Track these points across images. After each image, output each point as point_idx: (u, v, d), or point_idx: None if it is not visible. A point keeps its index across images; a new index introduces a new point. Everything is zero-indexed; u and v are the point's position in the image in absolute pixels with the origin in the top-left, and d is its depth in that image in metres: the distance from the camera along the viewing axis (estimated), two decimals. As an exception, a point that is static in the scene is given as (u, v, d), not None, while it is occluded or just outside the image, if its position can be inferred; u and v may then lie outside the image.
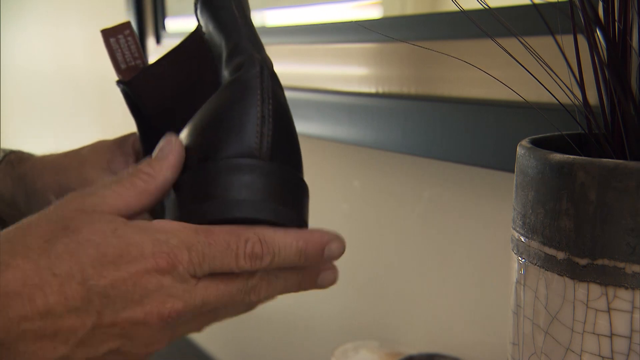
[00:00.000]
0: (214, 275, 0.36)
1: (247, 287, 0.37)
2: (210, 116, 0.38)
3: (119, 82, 0.47)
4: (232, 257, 0.36)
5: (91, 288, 0.33)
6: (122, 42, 0.46)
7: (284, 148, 0.38)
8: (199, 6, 0.42)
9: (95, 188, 0.37)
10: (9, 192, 0.50)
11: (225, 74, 0.40)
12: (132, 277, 0.34)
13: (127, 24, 0.46)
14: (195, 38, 0.43)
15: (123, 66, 0.47)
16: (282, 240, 0.37)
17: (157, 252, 0.34)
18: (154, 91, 0.45)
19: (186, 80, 0.45)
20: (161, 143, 0.39)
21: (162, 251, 0.34)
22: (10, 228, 0.35)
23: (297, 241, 0.37)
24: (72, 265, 0.33)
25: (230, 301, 0.37)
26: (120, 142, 0.50)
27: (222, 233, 0.36)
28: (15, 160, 0.52)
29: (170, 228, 0.35)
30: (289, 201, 0.37)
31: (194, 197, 0.37)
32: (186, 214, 0.37)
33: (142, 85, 0.45)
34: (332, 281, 0.41)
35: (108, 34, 0.46)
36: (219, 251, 0.35)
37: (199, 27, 0.43)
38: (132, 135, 0.51)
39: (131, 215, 0.37)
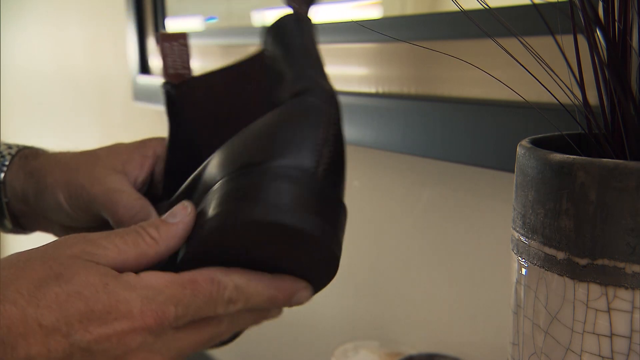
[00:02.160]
0: (191, 323, 0.37)
1: (218, 331, 0.39)
2: (266, 129, 0.38)
3: (166, 84, 0.48)
4: (212, 306, 0.37)
5: (75, 342, 0.33)
6: (175, 49, 0.48)
7: (336, 172, 0.39)
8: (269, 31, 0.44)
9: (98, 237, 0.37)
10: (20, 186, 0.51)
11: (285, 96, 0.40)
12: (117, 334, 0.34)
13: (184, 34, 0.48)
14: (256, 60, 0.44)
15: (171, 71, 0.48)
16: (254, 289, 0.38)
17: (145, 310, 0.35)
18: (198, 100, 0.47)
19: (235, 98, 0.45)
20: (175, 208, 0.39)
21: (151, 309, 0.35)
22: (5, 262, 0.35)
23: (269, 289, 0.39)
24: (59, 317, 0.33)
25: (202, 346, 0.38)
26: (140, 145, 0.50)
27: (205, 282, 0.36)
28: (30, 155, 0.52)
29: (157, 284, 0.35)
30: (332, 220, 0.38)
31: (235, 197, 0.36)
32: (224, 212, 0.36)
33: (188, 92, 0.47)
34: (307, 298, 0.41)
35: (165, 38, 0.48)
36: (202, 302, 0.36)
37: (263, 50, 0.44)
38: (154, 139, 0.51)
39: (122, 271, 0.37)
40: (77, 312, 0.33)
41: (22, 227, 0.54)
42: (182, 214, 0.38)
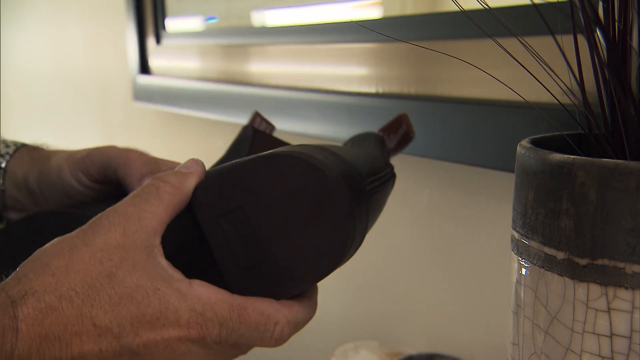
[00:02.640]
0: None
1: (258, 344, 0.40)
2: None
3: (249, 127, 0.52)
4: (258, 337, 0.38)
5: (125, 344, 0.35)
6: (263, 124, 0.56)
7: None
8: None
9: (126, 207, 0.37)
10: (23, 170, 0.52)
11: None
12: (164, 341, 0.36)
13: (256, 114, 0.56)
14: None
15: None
16: (303, 317, 0.40)
17: (192, 322, 0.36)
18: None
19: None
20: (187, 162, 0.41)
21: (197, 323, 0.36)
22: (52, 250, 0.36)
23: (311, 312, 0.41)
24: (112, 319, 0.34)
25: (239, 355, 0.40)
26: (156, 161, 0.50)
27: (254, 313, 0.37)
28: (36, 147, 0.55)
29: (207, 298, 0.37)
30: (361, 203, 0.40)
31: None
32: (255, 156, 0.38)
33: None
34: None
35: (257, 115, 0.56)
36: (247, 330, 0.37)
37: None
38: (171, 163, 0.50)
39: (162, 229, 0.38)
40: (129, 315, 0.35)
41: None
42: (194, 165, 0.40)
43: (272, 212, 0.38)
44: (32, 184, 0.51)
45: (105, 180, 0.49)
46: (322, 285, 0.42)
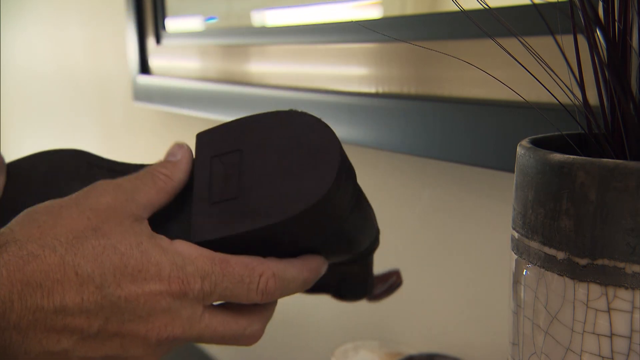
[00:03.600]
0: (221, 307, 0.39)
1: (251, 329, 0.40)
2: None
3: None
4: (244, 290, 0.38)
5: (107, 295, 0.35)
6: None
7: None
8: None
9: (122, 181, 0.39)
10: None
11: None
12: (145, 294, 0.36)
13: None
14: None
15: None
16: (292, 274, 0.39)
17: (173, 276, 0.36)
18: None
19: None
20: (172, 148, 0.42)
21: (178, 276, 0.36)
22: (41, 208, 0.37)
23: (303, 272, 0.40)
24: (95, 268, 0.35)
25: (228, 339, 0.40)
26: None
27: (237, 265, 0.37)
28: None
29: (188, 254, 0.37)
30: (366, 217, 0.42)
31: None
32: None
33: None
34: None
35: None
36: (231, 283, 0.37)
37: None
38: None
39: (151, 209, 0.39)
40: (112, 265, 0.35)
41: None
42: (180, 151, 0.41)
43: (265, 156, 0.38)
44: None
45: None
46: (322, 285, 0.42)
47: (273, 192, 0.37)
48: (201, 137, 0.41)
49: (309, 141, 0.37)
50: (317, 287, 0.45)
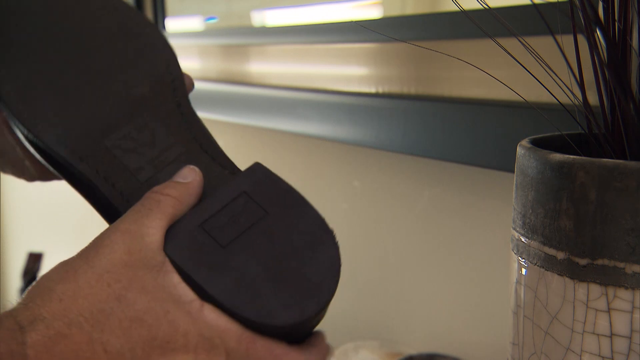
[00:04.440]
0: None
1: None
2: None
3: None
4: None
5: None
6: None
7: None
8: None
9: (127, 225, 0.37)
10: None
11: None
12: None
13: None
14: None
15: None
16: None
17: (199, 348, 0.35)
18: None
19: None
20: (183, 170, 0.39)
21: (204, 348, 0.36)
22: (55, 275, 0.35)
23: (319, 356, 0.39)
24: (124, 343, 0.34)
25: None
26: None
27: (262, 349, 0.36)
28: None
29: (216, 325, 0.36)
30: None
31: None
32: None
33: None
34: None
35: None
36: None
37: None
38: None
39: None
40: (140, 339, 0.34)
41: None
42: (192, 174, 0.39)
43: (274, 241, 0.38)
44: None
45: None
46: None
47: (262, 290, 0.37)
48: (256, 168, 0.39)
49: (317, 260, 0.37)
50: None
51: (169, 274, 0.36)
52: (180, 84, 0.43)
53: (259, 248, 0.37)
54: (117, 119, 0.41)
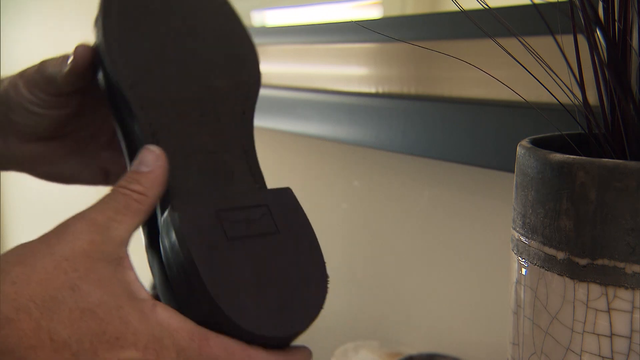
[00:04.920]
0: None
1: None
2: None
3: None
4: None
5: None
6: None
7: None
8: None
9: (95, 214, 0.36)
10: None
11: None
12: None
13: None
14: None
15: None
16: None
17: (149, 347, 0.34)
18: None
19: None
20: (143, 155, 0.39)
21: (154, 348, 0.35)
22: (13, 257, 0.34)
23: None
24: (71, 334, 0.33)
25: None
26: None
27: (216, 347, 0.35)
28: None
29: (168, 324, 0.35)
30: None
31: None
32: None
33: None
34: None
35: None
36: None
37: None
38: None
39: (130, 237, 0.37)
40: (89, 331, 0.33)
41: None
42: (153, 159, 0.39)
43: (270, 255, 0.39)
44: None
45: (64, 89, 0.46)
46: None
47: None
48: (285, 191, 0.41)
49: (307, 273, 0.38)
50: None
51: (127, 270, 0.36)
52: (254, 94, 0.47)
53: (259, 256, 0.37)
54: (190, 95, 0.43)
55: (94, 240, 0.35)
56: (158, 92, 0.43)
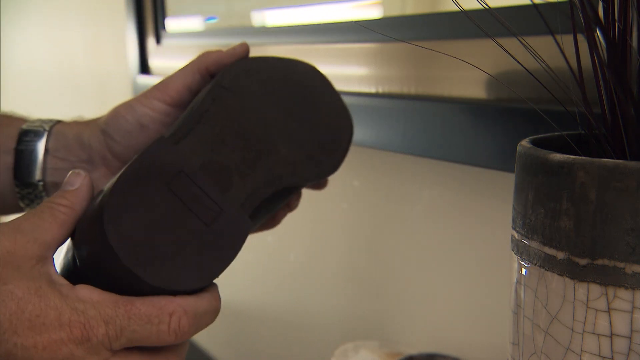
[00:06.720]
0: (133, 349, 0.36)
1: None
2: None
3: None
4: (154, 332, 0.35)
5: (1, 343, 0.33)
6: None
7: None
8: None
9: (20, 222, 0.37)
10: (73, 131, 0.53)
11: None
12: (43, 342, 0.34)
13: None
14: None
15: None
16: (203, 308, 0.37)
17: (73, 320, 0.34)
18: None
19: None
20: (69, 177, 0.41)
21: (79, 321, 0.34)
22: None
23: (213, 302, 0.38)
24: None
25: None
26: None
27: (143, 306, 0.35)
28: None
29: (89, 298, 0.35)
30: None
31: None
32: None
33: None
34: None
35: None
36: (139, 325, 0.35)
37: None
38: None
39: (56, 245, 0.38)
40: (8, 310, 0.33)
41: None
42: (78, 179, 0.40)
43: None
44: (86, 139, 0.52)
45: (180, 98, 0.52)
46: (322, 285, 0.42)
47: None
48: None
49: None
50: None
51: (49, 266, 0.36)
52: (303, 182, 0.48)
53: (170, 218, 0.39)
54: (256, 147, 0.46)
55: (18, 241, 0.36)
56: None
